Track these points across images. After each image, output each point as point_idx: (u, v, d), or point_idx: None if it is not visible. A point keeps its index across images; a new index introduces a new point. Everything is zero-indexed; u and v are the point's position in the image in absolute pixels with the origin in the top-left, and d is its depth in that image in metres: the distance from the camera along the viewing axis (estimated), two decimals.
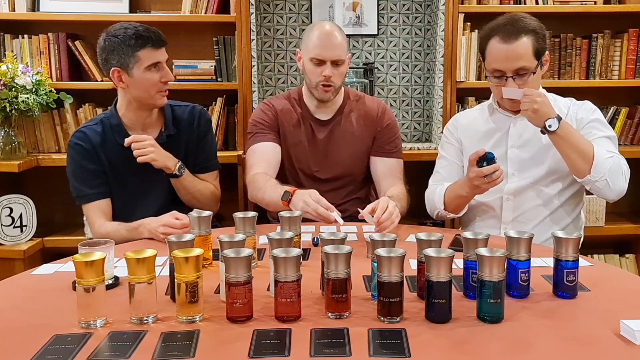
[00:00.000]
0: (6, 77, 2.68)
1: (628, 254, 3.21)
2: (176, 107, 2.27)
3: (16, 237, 2.83)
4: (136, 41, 2.05)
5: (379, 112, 2.39)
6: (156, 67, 2.09)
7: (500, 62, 1.97)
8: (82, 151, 2.13)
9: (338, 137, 2.36)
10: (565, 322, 1.29)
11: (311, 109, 2.38)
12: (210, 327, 1.26)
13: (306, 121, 2.37)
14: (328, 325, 1.26)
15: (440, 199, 2.09)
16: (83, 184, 2.14)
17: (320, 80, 2.25)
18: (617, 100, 3.17)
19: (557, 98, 2.14)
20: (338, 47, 2.24)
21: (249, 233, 1.60)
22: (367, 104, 2.41)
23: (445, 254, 1.25)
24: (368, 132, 2.38)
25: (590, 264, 1.69)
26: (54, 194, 3.05)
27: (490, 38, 1.99)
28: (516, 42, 1.94)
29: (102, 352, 1.15)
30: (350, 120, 2.38)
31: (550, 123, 1.88)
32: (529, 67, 1.96)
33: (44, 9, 3.00)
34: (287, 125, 2.36)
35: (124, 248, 1.70)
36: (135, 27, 2.07)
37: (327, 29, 2.25)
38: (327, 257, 1.28)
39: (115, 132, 2.15)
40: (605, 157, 1.90)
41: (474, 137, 2.16)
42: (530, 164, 2.07)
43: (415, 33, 3.24)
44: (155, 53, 2.08)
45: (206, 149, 2.31)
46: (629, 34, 3.06)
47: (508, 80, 1.97)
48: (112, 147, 2.15)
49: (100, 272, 1.27)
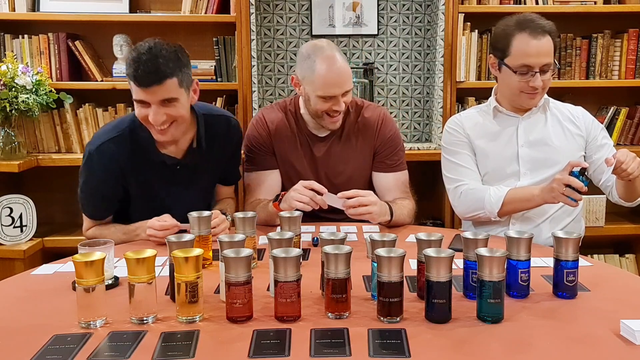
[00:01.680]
0: (6, 77, 2.68)
1: (628, 254, 3.21)
2: (210, 117, 2.07)
3: (16, 237, 2.83)
4: (128, 69, 1.84)
5: (379, 124, 2.24)
6: (143, 104, 1.85)
7: (531, 57, 1.98)
8: (101, 169, 1.96)
9: (336, 153, 2.24)
10: (565, 322, 1.29)
11: (309, 124, 2.24)
12: (210, 327, 1.26)
13: (303, 137, 2.24)
14: (328, 325, 1.26)
15: (498, 200, 2.01)
16: (90, 202, 2.03)
17: (329, 111, 2.11)
18: (617, 100, 3.17)
19: (568, 105, 2.19)
20: (347, 77, 2.09)
21: (249, 233, 1.60)
22: (365, 116, 2.25)
23: (445, 254, 1.25)
24: (368, 147, 2.24)
25: (590, 264, 1.69)
26: (54, 194, 3.05)
27: (515, 34, 2.00)
28: (544, 38, 1.99)
29: (102, 352, 1.15)
30: (349, 135, 2.24)
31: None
32: (552, 64, 2.02)
33: (44, 9, 3.00)
34: (282, 142, 2.23)
35: (124, 248, 1.70)
36: (140, 52, 1.82)
37: (331, 60, 2.05)
38: (327, 257, 1.28)
39: (144, 146, 1.96)
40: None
41: (483, 137, 2.13)
42: (543, 165, 2.07)
43: (415, 33, 3.24)
44: (141, 91, 1.82)
45: (237, 165, 2.26)
46: (629, 34, 3.05)
47: (536, 75, 1.99)
48: (138, 161, 1.98)
49: (100, 272, 1.27)
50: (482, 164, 2.14)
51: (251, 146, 2.25)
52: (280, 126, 2.24)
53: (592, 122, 2.15)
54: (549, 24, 2.02)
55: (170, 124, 1.89)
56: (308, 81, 2.10)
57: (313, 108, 2.13)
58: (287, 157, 2.24)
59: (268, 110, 2.30)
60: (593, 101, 3.21)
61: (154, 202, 2.03)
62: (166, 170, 2.02)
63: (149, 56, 1.81)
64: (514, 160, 2.09)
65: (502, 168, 2.11)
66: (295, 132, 2.25)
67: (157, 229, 1.83)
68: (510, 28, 2.02)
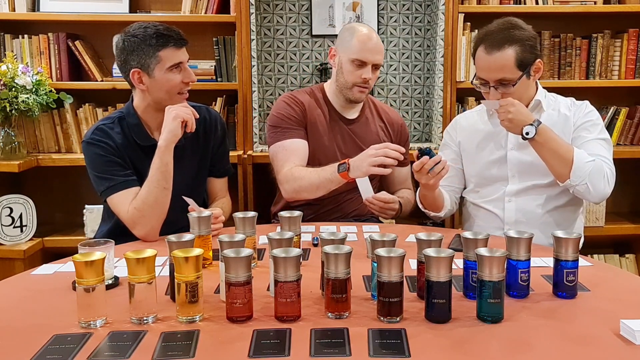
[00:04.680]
0: (6, 77, 2.68)
1: (628, 254, 3.21)
2: (195, 107, 2.15)
3: (16, 237, 2.83)
4: (157, 40, 1.97)
5: (402, 126, 2.47)
6: (178, 67, 2.01)
7: (483, 72, 1.99)
8: (106, 146, 2.00)
9: (365, 135, 2.36)
10: (565, 322, 1.29)
11: (337, 107, 2.37)
12: (210, 327, 1.26)
13: (334, 119, 2.36)
14: (328, 325, 1.26)
15: (418, 199, 2.15)
16: (112, 174, 1.99)
17: (358, 81, 2.25)
18: (617, 100, 3.17)
19: (558, 98, 2.15)
20: (381, 51, 2.29)
21: (249, 233, 1.60)
22: (387, 111, 2.48)
23: (445, 254, 1.25)
24: (389, 139, 2.40)
25: (590, 264, 1.69)
26: (54, 194, 3.05)
27: (478, 46, 2.00)
28: (498, 53, 1.94)
29: (102, 352, 1.15)
30: (374, 120, 2.42)
31: (527, 130, 1.89)
32: (510, 79, 1.96)
33: (44, 9, 3.00)
34: (315, 121, 2.33)
35: (124, 248, 1.70)
36: (156, 26, 2.00)
37: (369, 33, 2.26)
38: (327, 257, 1.28)
39: (134, 132, 2.06)
40: (585, 161, 1.91)
41: (474, 139, 2.16)
42: (531, 168, 2.06)
43: (415, 33, 3.24)
44: (177, 53, 2.00)
45: (225, 155, 2.29)
46: (629, 34, 3.05)
47: (490, 90, 1.99)
48: (130, 146, 2.05)
49: (100, 272, 1.27)
50: (469, 168, 2.16)
51: (283, 118, 2.31)
52: (312, 106, 2.35)
53: (586, 114, 2.08)
54: (518, 34, 1.95)
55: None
56: (345, 48, 2.27)
57: (344, 79, 2.28)
58: (318, 136, 2.32)
59: (295, 92, 2.42)
60: (593, 101, 3.15)
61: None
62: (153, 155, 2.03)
63: (165, 26, 2.01)
64: (502, 164, 2.09)
65: (489, 171, 2.12)
66: (325, 112, 2.36)
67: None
68: (476, 38, 2.05)
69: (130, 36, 2.00)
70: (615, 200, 3.29)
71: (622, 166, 3.23)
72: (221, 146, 2.26)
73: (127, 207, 1.94)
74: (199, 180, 2.23)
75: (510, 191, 2.09)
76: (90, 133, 2.05)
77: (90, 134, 2.04)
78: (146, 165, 1.99)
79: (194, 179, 2.19)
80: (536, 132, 1.89)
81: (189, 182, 2.14)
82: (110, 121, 2.07)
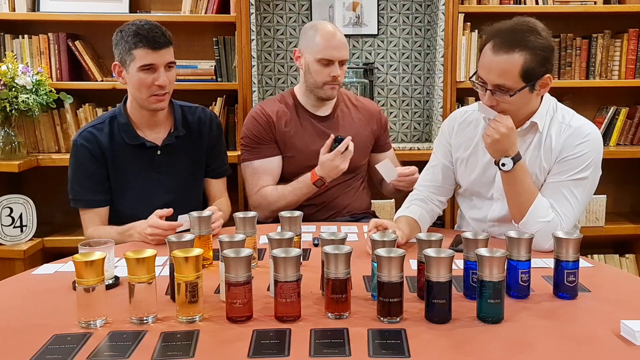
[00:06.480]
0: (6, 77, 2.68)
1: (628, 254, 3.21)
2: (186, 108, 2.24)
3: (16, 237, 2.82)
4: (133, 38, 2.01)
5: (379, 113, 2.53)
6: (149, 69, 2.02)
7: (484, 71, 1.78)
8: (87, 154, 2.09)
9: (341, 129, 2.38)
10: (566, 322, 1.29)
11: (309, 107, 2.39)
12: (210, 327, 1.26)
13: (306, 119, 2.38)
14: (328, 325, 1.26)
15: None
16: (83, 188, 2.11)
17: (327, 80, 2.28)
18: (617, 100, 3.17)
19: (566, 119, 1.88)
20: (345, 47, 2.30)
21: (249, 233, 1.60)
22: (362, 102, 2.52)
23: (445, 254, 1.25)
24: (369, 129, 2.46)
25: (590, 264, 1.69)
26: (54, 194, 3.05)
27: (487, 41, 1.79)
28: (504, 55, 1.72)
29: (102, 352, 1.15)
30: (349, 114, 2.45)
31: (504, 162, 1.76)
32: (509, 87, 1.73)
33: (44, 9, 2.99)
34: (285, 127, 2.34)
35: (124, 248, 1.70)
36: (140, 25, 2.02)
37: (333, 30, 2.29)
38: (327, 257, 1.28)
39: (123, 131, 2.11)
40: (538, 219, 1.76)
41: (465, 143, 2.00)
42: None
43: (415, 33, 3.24)
44: (151, 54, 2.01)
45: (220, 155, 2.31)
46: (629, 34, 3.05)
47: (486, 93, 1.77)
48: (119, 147, 2.11)
49: (100, 272, 1.27)
50: (462, 175, 2.03)
51: (251, 137, 2.34)
52: (280, 112, 2.37)
53: (575, 146, 1.82)
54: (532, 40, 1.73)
55: (165, 93, 2.07)
56: (309, 49, 2.29)
57: (313, 79, 2.30)
58: (291, 141, 2.34)
59: (265, 103, 2.44)
60: (593, 101, 3.21)
61: (136, 189, 2.13)
62: (146, 156, 2.12)
63: (151, 26, 2.03)
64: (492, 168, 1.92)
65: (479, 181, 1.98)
66: (297, 116, 2.37)
67: (164, 228, 1.84)
68: (488, 33, 1.81)
69: (119, 30, 2.07)
70: (615, 200, 3.29)
71: (622, 166, 3.26)
72: (216, 146, 2.28)
73: (89, 232, 2.08)
74: (194, 181, 2.23)
75: (492, 217, 1.96)
76: (78, 135, 2.14)
77: (78, 136, 2.13)
78: (133, 164, 2.11)
79: (188, 179, 2.20)
80: (512, 168, 1.76)
81: (182, 182, 2.15)
82: (100, 121, 2.15)
